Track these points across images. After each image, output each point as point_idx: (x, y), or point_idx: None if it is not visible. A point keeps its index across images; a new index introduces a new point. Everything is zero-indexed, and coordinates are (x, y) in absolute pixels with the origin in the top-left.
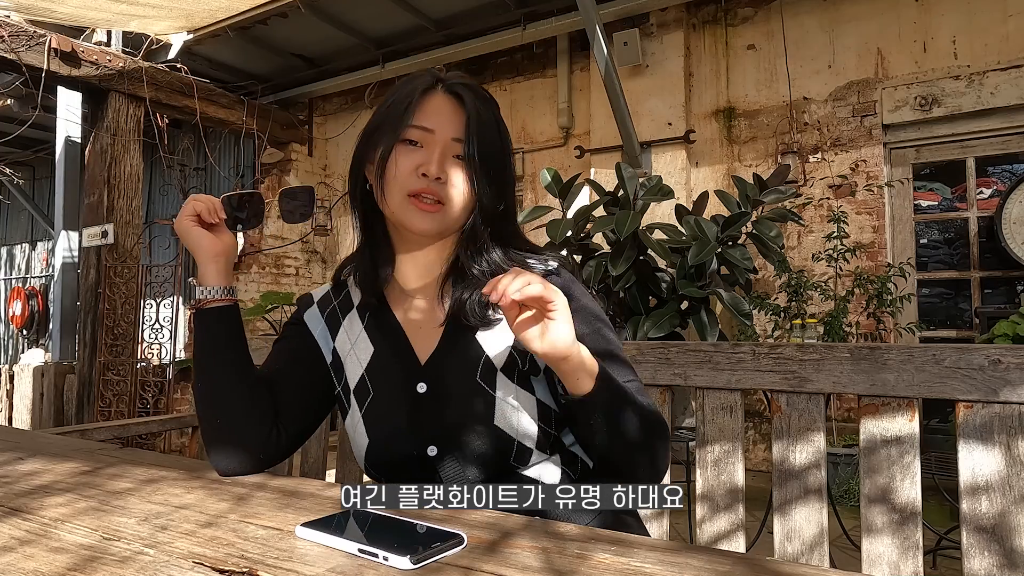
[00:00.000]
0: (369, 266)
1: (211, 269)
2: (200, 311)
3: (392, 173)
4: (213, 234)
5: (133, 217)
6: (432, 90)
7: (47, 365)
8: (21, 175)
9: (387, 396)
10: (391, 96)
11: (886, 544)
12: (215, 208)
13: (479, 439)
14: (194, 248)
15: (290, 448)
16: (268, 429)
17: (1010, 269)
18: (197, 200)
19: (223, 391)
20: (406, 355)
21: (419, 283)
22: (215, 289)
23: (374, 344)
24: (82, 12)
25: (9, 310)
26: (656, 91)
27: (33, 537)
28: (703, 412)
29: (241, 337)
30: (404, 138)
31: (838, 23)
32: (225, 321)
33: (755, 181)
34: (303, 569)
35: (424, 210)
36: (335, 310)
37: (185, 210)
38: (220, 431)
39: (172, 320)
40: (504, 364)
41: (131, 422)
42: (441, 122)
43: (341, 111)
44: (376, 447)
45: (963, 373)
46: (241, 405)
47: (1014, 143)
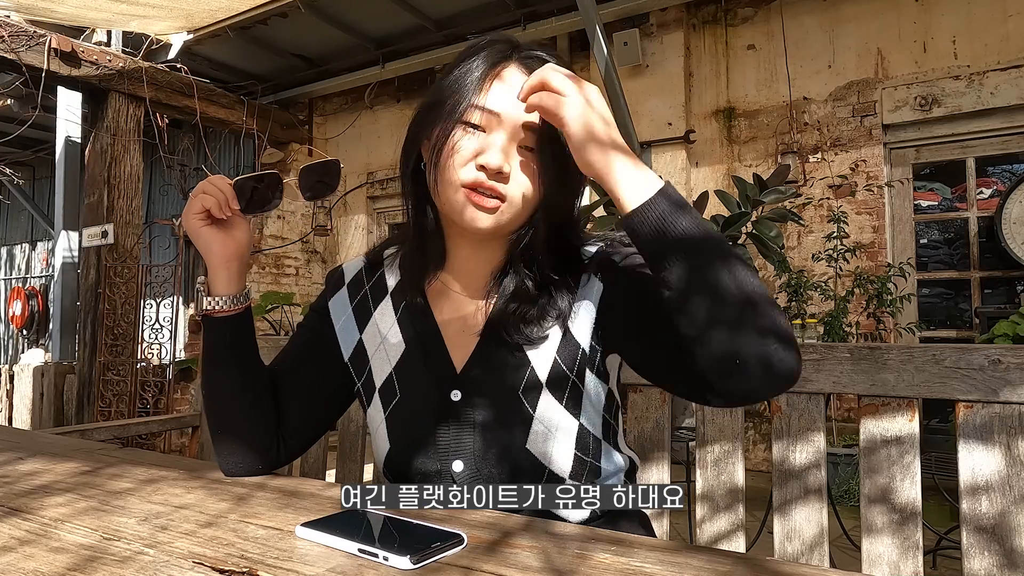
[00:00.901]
0: (416, 259)
1: (222, 276)
2: (208, 319)
3: (446, 160)
4: (225, 232)
5: (133, 217)
6: (505, 62)
7: (47, 365)
8: (21, 175)
9: (415, 401)
10: (458, 62)
11: (886, 544)
12: (226, 200)
13: (507, 462)
14: (204, 251)
15: (290, 459)
16: (270, 442)
17: (1010, 269)
18: (205, 193)
19: (225, 403)
20: (440, 359)
21: (465, 282)
22: (225, 299)
23: (406, 342)
24: (82, 12)
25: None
26: (656, 91)
27: (33, 537)
28: (703, 412)
29: (250, 347)
30: (464, 120)
31: (838, 23)
32: (234, 331)
33: (755, 181)
34: (303, 569)
35: (479, 206)
36: (366, 297)
37: (192, 207)
38: (222, 437)
39: (172, 320)
40: (549, 378)
41: (131, 422)
42: (510, 104)
43: (341, 111)
44: (398, 455)
45: (963, 373)
46: (243, 419)
47: (1014, 143)
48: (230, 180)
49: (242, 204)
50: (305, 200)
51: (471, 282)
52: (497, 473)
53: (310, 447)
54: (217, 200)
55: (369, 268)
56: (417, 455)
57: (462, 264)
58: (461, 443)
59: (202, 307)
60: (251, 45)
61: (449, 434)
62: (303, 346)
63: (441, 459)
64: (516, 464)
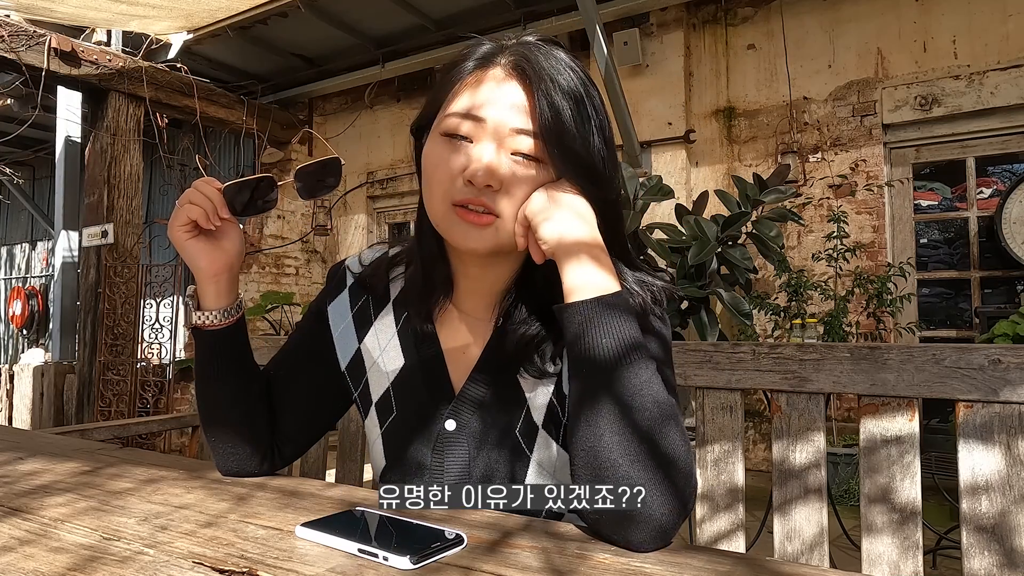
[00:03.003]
0: (421, 286)
1: (210, 290)
2: (198, 332)
3: (432, 175)
4: (213, 243)
5: (133, 217)
6: (490, 63)
7: (47, 365)
8: (21, 175)
9: (410, 422)
10: (445, 68)
11: (886, 544)
12: (214, 208)
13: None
14: (191, 265)
15: (284, 464)
16: (264, 450)
17: (1010, 269)
18: (192, 202)
19: (218, 414)
20: (438, 379)
21: (472, 304)
22: (214, 313)
23: (405, 356)
24: (82, 12)
25: (9, 310)
26: (656, 91)
27: (33, 537)
28: (703, 412)
29: (242, 359)
30: (447, 132)
31: (838, 23)
32: (225, 344)
33: (755, 181)
34: (303, 569)
35: (471, 223)
36: (367, 304)
37: (177, 218)
38: (217, 444)
39: (172, 320)
40: (545, 418)
41: (131, 422)
42: (496, 108)
43: (341, 111)
44: (393, 475)
45: (963, 373)
46: (236, 429)
47: (1014, 143)
48: (220, 185)
49: (236, 209)
50: (303, 199)
51: (478, 303)
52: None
53: (305, 453)
54: (204, 210)
55: (371, 275)
56: (412, 480)
57: (469, 284)
58: (456, 477)
59: (191, 321)
60: (251, 45)
61: (444, 465)
62: (299, 353)
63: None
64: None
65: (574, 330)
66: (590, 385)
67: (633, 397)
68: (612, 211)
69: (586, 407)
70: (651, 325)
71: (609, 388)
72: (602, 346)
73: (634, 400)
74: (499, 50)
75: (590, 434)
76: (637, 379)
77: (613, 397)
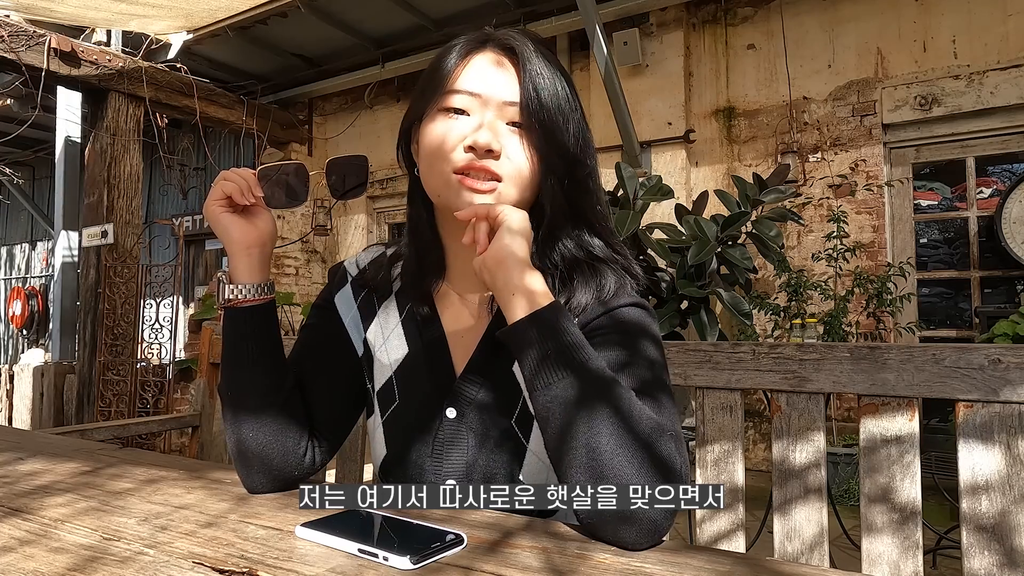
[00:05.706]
0: (416, 269)
1: (243, 264)
2: (230, 311)
3: (433, 149)
4: (247, 219)
5: (133, 217)
6: (479, 49)
7: (47, 365)
8: (21, 175)
9: (412, 409)
10: (433, 61)
11: (886, 543)
12: (249, 186)
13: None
14: (223, 238)
15: (324, 463)
16: (304, 449)
17: (1010, 269)
18: (227, 179)
19: (254, 410)
20: (441, 365)
21: (470, 282)
22: (247, 287)
23: (409, 344)
24: (82, 12)
25: (9, 310)
26: (656, 91)
27: (33, 537)
28: (703, 412)
29: (277, 343)
30: (446, 107)
31: (838, 23)
32: (258, 324)
33: (755, 181)
34: (303, 569)
35: (475, 190)
36: (371, 295)
37: (213, 193)
38: (249, 453)
39: (172, 320)
40: None
41: (131, 422)
42: (490, 84)
43: (341, 111)
44: (394, 463)
45: (963, 373)
46: (274, 426)
47: (1014, 143)
48: (254, 170)
49: (266, 193)
50: (335, 199)
51: (476, 282)
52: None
53: (340, 445)
54: (238, 186)
55: (372, 268)
56: (411, 469)
57: (465, 261)
58: (455, 464)
59: (223, 297)
60: (251, 45)
61: (443, 453)
62: (317, 345)
63: (435, 477)
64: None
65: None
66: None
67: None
68: (578, 188)
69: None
70: (640, 323)
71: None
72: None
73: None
74: (487, 36)
75: (581, 439)
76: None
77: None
